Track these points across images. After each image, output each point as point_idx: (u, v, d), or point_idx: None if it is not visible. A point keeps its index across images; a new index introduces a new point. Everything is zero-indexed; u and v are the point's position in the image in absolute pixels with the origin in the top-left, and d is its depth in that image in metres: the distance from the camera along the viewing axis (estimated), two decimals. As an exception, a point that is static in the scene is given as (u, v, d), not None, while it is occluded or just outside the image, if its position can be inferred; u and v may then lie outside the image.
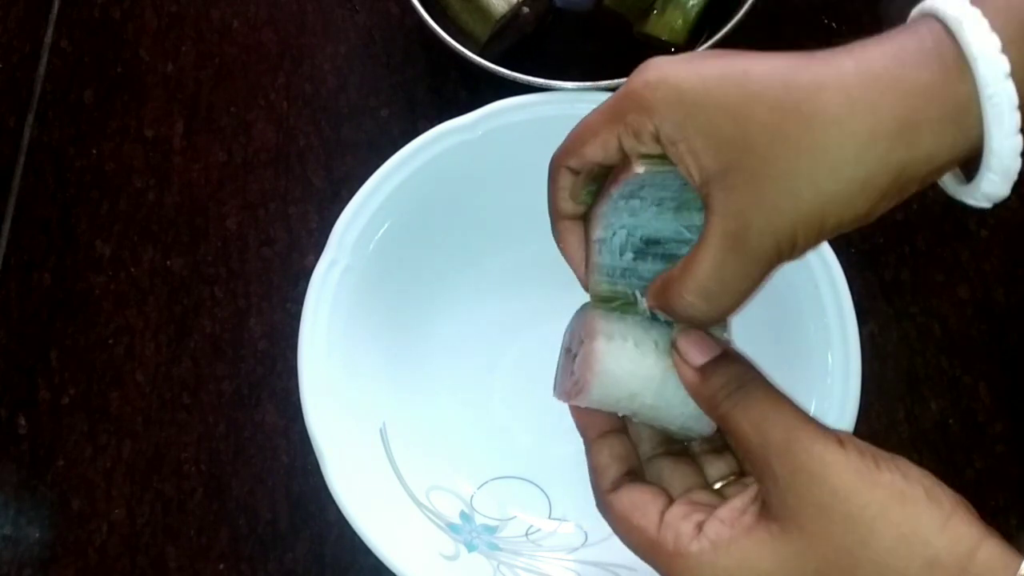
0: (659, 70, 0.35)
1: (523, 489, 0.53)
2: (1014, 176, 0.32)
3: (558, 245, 0.42)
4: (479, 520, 0.52)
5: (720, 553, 0.33)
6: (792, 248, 0.34)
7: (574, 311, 0.48)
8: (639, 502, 0.37)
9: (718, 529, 0.34)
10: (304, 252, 0.61)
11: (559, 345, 0.45)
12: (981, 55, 0.31)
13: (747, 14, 0.57)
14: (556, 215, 0.41)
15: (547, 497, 0.53)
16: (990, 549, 0.30)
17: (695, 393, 0.37)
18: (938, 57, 0.31)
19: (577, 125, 0.38)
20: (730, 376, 0.35)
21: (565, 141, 0.39)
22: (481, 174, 0.55)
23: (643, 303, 0.38)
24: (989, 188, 0.33)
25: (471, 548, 0.50)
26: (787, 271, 0.51)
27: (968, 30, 0.31)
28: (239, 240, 0.61)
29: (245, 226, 0.62)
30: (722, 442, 0.40)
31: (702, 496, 0.37)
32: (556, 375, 0.43)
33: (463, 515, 0.52)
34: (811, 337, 0.50)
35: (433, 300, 0.56)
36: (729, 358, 0.36)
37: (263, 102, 0.65)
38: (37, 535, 0.56)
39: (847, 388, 0.49)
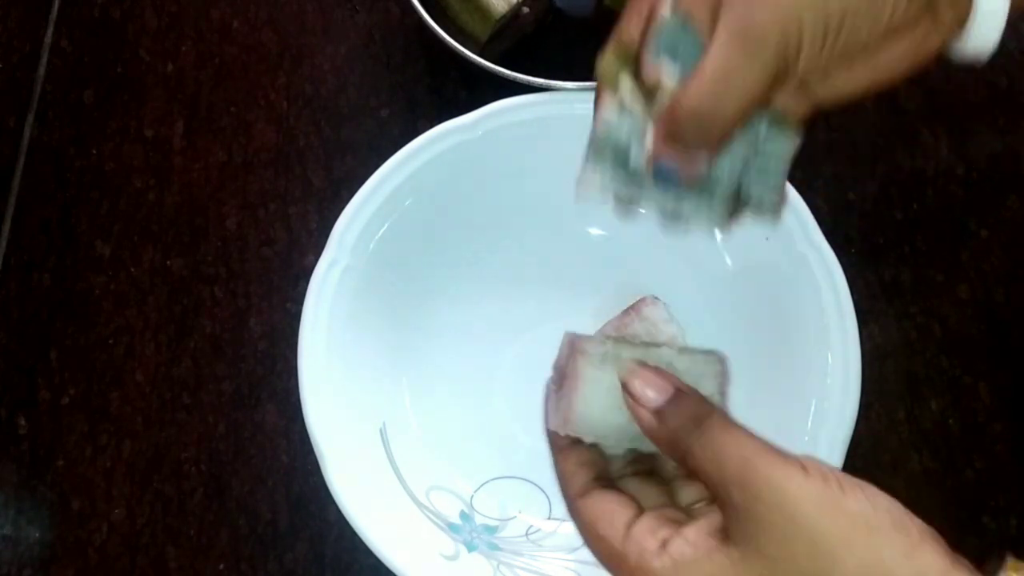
0: None
1: (523, 489, 0.53)
2: (1003, 20, 0.34)
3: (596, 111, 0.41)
4: (479, 520, 0.52)
5: (680, 572, 0.33)
6: (799, 43, 0.34)
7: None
8: (607, 511, 0.36)
9: (682, 548, 0.33)
10: (304, 252, 0.61)
11: (559, 345, 0.45)
12: None
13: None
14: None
15: (547, 497, 0.53)
16: None
17: (652, 436, 0.36)
18: None
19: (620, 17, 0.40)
20: (686, 416, 0.35)
21: (614, 32, 0.40)
22: (481, 174, 0.55)
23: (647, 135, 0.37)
24: (978, 36, 0.34)
25: (471, 548, 0.50)
26: (787, 271, 0.51)
27: None
28: (239, 240, 0.61)
29: (245, 226, 0.62)
30: None
31: (671, 512, 0.37)
32: (544, 405, 0.42)
33: (463, 515, 0.52)
34: (811, 337, 0.50)
35: (433, 300, 0.56)
36: (683, 396, 0.35)
37: (263, 102, 0.65)
38: (37, 535, 0.56)
39: (847, 388, 0.49)
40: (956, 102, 0.62)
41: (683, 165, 0.37)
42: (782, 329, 0.52)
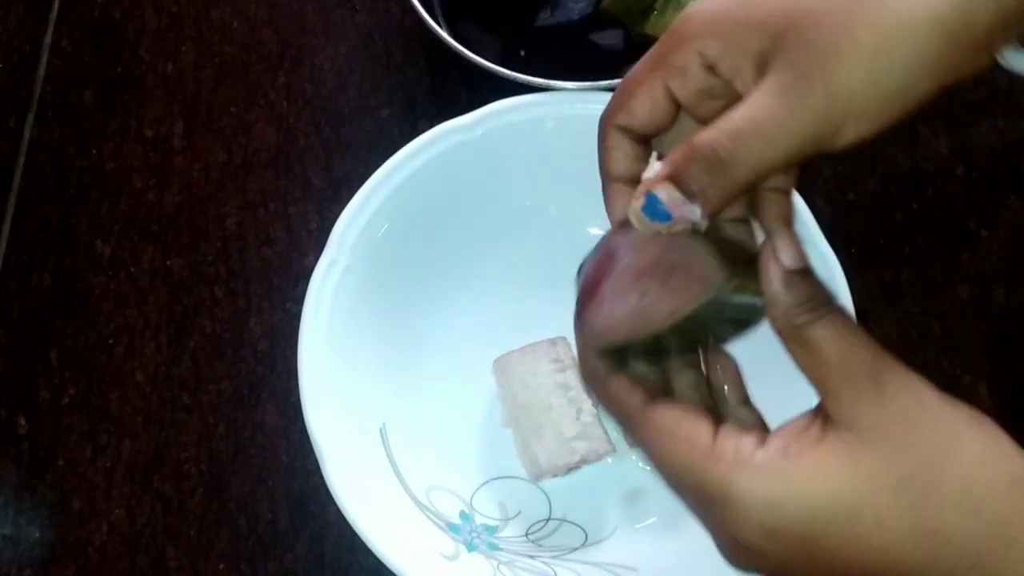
0: (695, 6, 0.34)
1: (523, 489, 0.53)
2: None
3: (607, 208, 0.38)
4: (479, 520, 0.52)
5: (791, 462, 0.30)
6: (844, 113, 0.31)
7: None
8: (686, 416, 0.32)
9: (785, 441, 0.31)
10: (304, 252, 0.61)
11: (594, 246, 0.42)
12: None
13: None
14: (607, 177, 0.38)
15: (547, 497, 0.53)
16: None
17: (774, 298, 0.32)
18: None
19: (621, 82, 0.37)
20: (813, 292, 0.31)
21: (611, 100, 0.37)
22: (481, 174, 0.55)
23: (654, 166, 0.34)
24: None
25: (471, 548, 0.50)
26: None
27: None
28: (239, 240, 0.61)
29: (245, 226, 0.62)
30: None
31: (747, 414, 0.35)
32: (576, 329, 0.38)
33: (463, 515, 0.52)
34: (811, 337, 0.50)
35: (433, 300, 0.56)
36: (814, 276, 0.32)
37: (263, 102, 0.65)
38: (37, 535, 0.56)
39: (847, 388, 0.49)
40: (956, 102, 0.62)
41: (677, 208, 0.33)
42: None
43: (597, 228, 0.58)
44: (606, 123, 0.37)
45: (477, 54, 0.56)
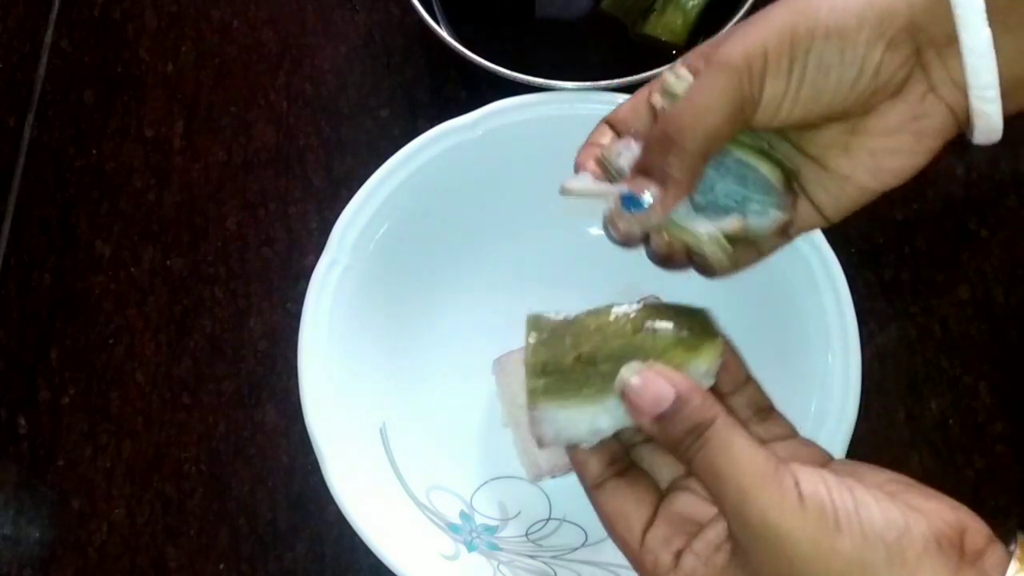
0: (734, 38, 0.38)
1: (523, 489, 0.53)
2: (993, 68, 0.35)
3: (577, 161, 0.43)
4: (479, 520, 0.52)
5: None
6: (763, 66, 0.36)
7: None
8: (623, 511, 0.37)
9: (693, 565, 0.35)
10: (304, 252, 0.61)
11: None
12: None
13: (747, 14, 0.57)
14: (587, 149, 0.42)
15: (547, 497, 0.53)
16: None
17: (656, 439, 0.36)
18: None
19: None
20: (687, 427, 0.34)
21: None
22: (481, 174, 0.55)
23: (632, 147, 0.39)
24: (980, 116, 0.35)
25: (471, 548, 0.50)
26: (787, 271, 0.51)
27: None
28: (239, 240, 0.61)
29: (245, 226, 0.62)
30: None
31: (685, 503, 0.38)
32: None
33: (463, 515, 0.52)
34: (811, 337, 0.50)
35: (433, 300, 0.56)
36: (682, 402, 0.34)
37: (263, 102, 0.65)
38: (37, 535, 0.56)
39: (847, 388, 0.49)
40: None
41: (647, 192, 0.38)
42: (782, 329, 0.52)
43: (597, 228, 0.58)
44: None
45: (477, 54, 0.56)
